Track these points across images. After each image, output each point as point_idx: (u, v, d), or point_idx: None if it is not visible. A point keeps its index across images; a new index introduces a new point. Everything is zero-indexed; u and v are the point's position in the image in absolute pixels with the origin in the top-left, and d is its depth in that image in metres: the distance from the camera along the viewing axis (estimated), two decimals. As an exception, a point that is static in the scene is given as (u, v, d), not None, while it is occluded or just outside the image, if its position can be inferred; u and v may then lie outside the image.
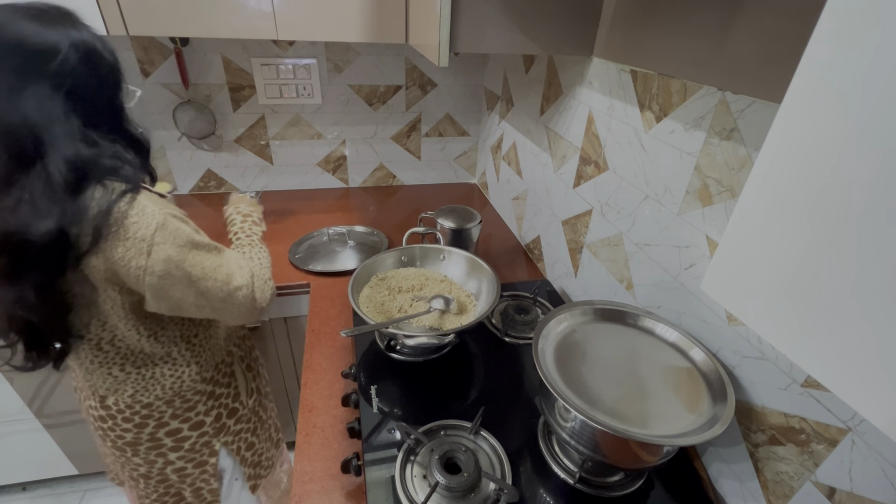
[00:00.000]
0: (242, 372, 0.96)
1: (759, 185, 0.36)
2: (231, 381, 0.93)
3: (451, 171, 1.89)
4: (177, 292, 0.69)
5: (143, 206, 0.64)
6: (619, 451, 0.67)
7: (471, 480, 0.68)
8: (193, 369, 0.84)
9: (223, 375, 0.91)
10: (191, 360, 0.83)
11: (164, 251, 0.65)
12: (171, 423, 0.85)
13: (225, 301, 0.75)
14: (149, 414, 0.82)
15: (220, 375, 0.90)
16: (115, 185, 0.63)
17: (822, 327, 0.32)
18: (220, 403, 0.90)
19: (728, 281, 0.41)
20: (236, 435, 0.95)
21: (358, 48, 1.54)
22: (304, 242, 1.40)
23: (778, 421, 0.62)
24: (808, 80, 0.31)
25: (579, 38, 0.94)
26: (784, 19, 0.55)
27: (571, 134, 1.08)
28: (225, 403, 0.92)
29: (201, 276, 0.71)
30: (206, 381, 0.87)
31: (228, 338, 0.93)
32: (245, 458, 0.99)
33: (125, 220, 0.62)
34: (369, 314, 0.91)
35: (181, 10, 1.08)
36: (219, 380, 0.90)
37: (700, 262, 0.72)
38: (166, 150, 1.58)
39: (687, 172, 0.73)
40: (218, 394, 0.90)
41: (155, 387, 0.81)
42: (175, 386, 0.82)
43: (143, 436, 0.84)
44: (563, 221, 1.17)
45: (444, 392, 0.89)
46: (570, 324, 0.78)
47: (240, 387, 0.95)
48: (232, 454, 0.96)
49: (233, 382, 0.93)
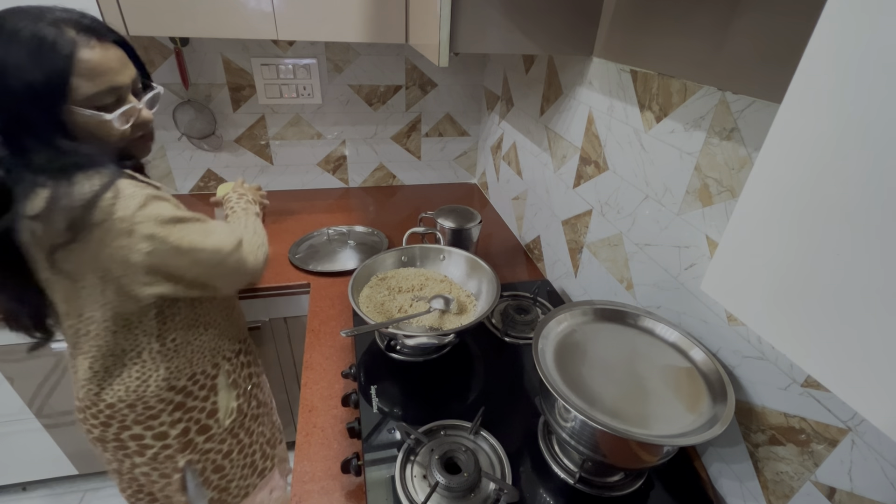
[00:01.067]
0: (227, 388, 0.90)
1: (759, 185, 0.36)
2: (210, 395, 0.87)
3: (451, 171, 1.89)
4: (171, 263, 0.69)
5: (119, 188, 0.63)
6: (619, 451, 0.67)
7: (471, 480, 0.68)
8: (161, 374, 0.80)
9: (200, 388, 0.85)
10: (160, 364, 0.79)
11: (147, 228, 0.64)
12: (133, 428, 0.82)
13: (217, 268, 0.75)
14: (112, 415, 0.80)
15: (196, 387, 0.85)
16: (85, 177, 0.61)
17: (821, 327, 0.32)
18: (190, 417, 0.85)
19: (728, 281, 0.40)
20: (204, 454, 0.89)
21: (358, 48, 1.54)
22: (304, 242, 1.40)
23: (778, 421, 0.62)
24: (808, 80, 0.31)
25: (579, 38, 0.94)
26: (783, 19, 0.55)
27: (571, 134, 1.08)
28: (197, 418, 0.86)
29: (190, 248, 0.70)
30: (176, 391, 0.82)
31: (217, 349, 0.88)
32: (210, 481, 0.92)
33: (100, 203, 0.61)
34: (369, 314, 0.91)
35: (181, 10, 1.08)
36: (194, 391, 0.85)
37: (700, 262, 0.72)
38: (166, 150, 1.58)
39: (687, 172, 0.73)
40: (190, 406, 0.85)
41: (119, 387, 0.78)
42: (139, 389, 0.79)
43: (108, 434, 0.82)
44: (563, 221, 1.17)
45: (444, 392, 0.89)
46: (570, 324, 0.78)
47: (219, 403, 0.89)
48: (195, 475, 0.89)
49: (211, 397, 0.87)
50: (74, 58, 0.59)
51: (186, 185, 1.67)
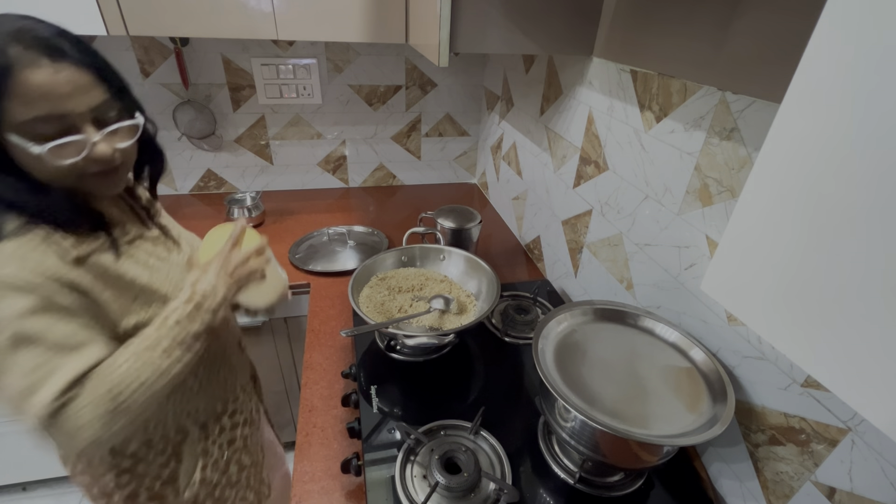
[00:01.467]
0: (193, 456, 0.76)
1: (759, 185, 0.36)
2: (170, 461, 0.74)
3: (451, 171, 1.89)
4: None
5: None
6: (619, 451, 0.67)
7: (471, 480, 0.68)
8: None
9: (158, 453, 0.72)
10: None
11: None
12: (79, 477, 0.74)
13: (15, 410, 0.53)
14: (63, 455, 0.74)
15: (152, 453, 0.71)
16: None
17: (821, 327, 0.32)
18: (142, 483, 0.73)
19: (728, 281, 0.40)
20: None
21: (358, 48, 1.54)
22: (304, 242, 1.40)
23: (778, 421, 0.62)
24: (808, 80, 0.31)
25: (579, 38, 0.94)
26: (783, 19, 0.55)
27: (571, 134, 1.08)
28: (150, 486, 0.73)
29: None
30: (123, 455, 0.70)
31: (186, 413, 0.74)
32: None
33: None
34: (369, 314, 0.91)
35: (181, 10, 1.08)
36: (148, 457, 0.71)
37: (700, 262, 0.72)
38: (166, 150, 1.57)
39: (687, 172, 0.73)
40: (141, 472, 0.72)
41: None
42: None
43: (66, 466, 0.76)
44: (563, 221, 1.17)
45: (444, 392, 0.89)
46: (570, 324, 0.78)
47: (180, 472, 0.75)
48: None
49: (171, 463, 0.74)
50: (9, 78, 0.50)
51: (186, 185, 1.67)
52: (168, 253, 0.71)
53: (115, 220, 0.65)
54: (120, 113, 0.60)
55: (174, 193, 1.67)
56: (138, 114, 0.62)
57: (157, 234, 0.71)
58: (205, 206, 1.61)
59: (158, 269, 0.67)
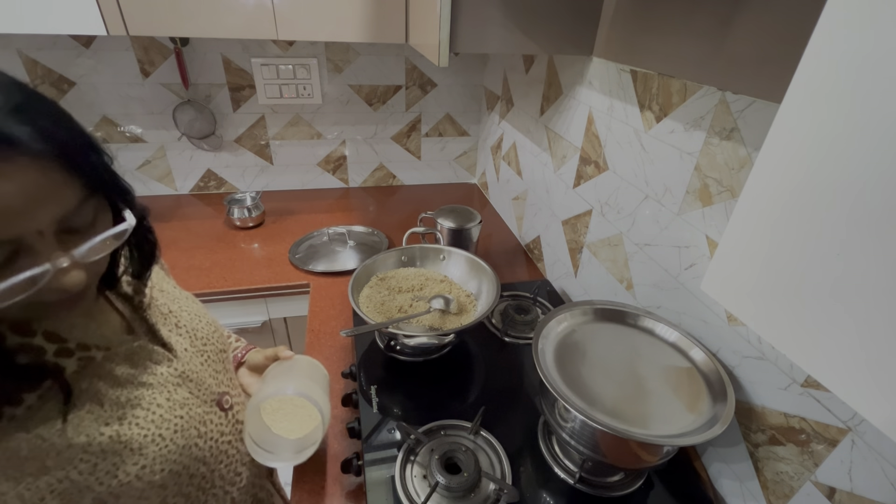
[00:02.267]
0: None
1: (759, 185, 0.36)
2: None
3: (451, 171, 1.90)
4: None
5: None
6: (619, 451, 0.67)
7: (471, 480, 0.68)
8: None
9: None
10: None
11: None
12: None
13: None
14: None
15: None
16: None
17: (821, 327, 0.32)
18: None
19: (728, 281, 0.40)
20: None
21: (358, 48, 1.54)
22: (304, 242, 1.40)
23: (778, 421, 0.62)
24: (808, 80, 0.31)
25: (579, 38, 0.94)
26: (783, 19, 0.55)
27: (571, 134, 1.08)
28: None
29: None
30: None
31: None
32: None
33: None
34: (369, 314, 0.91)
35: (181, 10, 1.08)
36: None
37: (700, 262, 0.72)
38: (166, 150, 1.58)
39: (687, 172, 0.73)
40: None
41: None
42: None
43: None
44: (563, 221, 1.17)
45: (444, 392, 0.89)
46: (570, 324, 0.78)
47: None
48: None
49: None
50: None
51: (186, 185, 1.67)
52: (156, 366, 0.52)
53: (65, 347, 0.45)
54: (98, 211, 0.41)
55: (174, 193, 1.67)
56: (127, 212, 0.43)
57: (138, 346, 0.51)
58: (205, 206, 1.61)
59: (135, 405, 0.48)
